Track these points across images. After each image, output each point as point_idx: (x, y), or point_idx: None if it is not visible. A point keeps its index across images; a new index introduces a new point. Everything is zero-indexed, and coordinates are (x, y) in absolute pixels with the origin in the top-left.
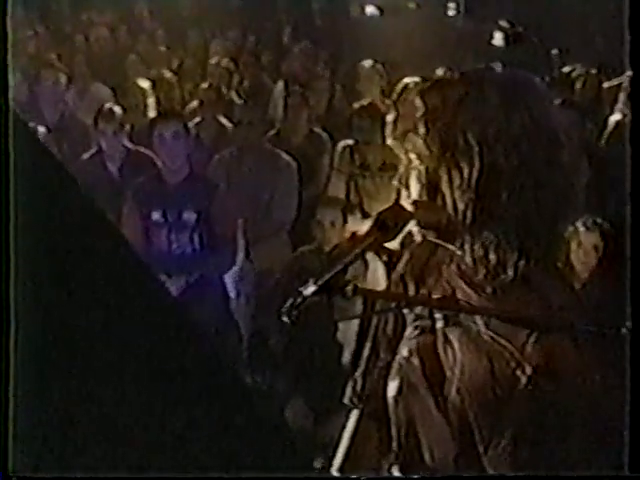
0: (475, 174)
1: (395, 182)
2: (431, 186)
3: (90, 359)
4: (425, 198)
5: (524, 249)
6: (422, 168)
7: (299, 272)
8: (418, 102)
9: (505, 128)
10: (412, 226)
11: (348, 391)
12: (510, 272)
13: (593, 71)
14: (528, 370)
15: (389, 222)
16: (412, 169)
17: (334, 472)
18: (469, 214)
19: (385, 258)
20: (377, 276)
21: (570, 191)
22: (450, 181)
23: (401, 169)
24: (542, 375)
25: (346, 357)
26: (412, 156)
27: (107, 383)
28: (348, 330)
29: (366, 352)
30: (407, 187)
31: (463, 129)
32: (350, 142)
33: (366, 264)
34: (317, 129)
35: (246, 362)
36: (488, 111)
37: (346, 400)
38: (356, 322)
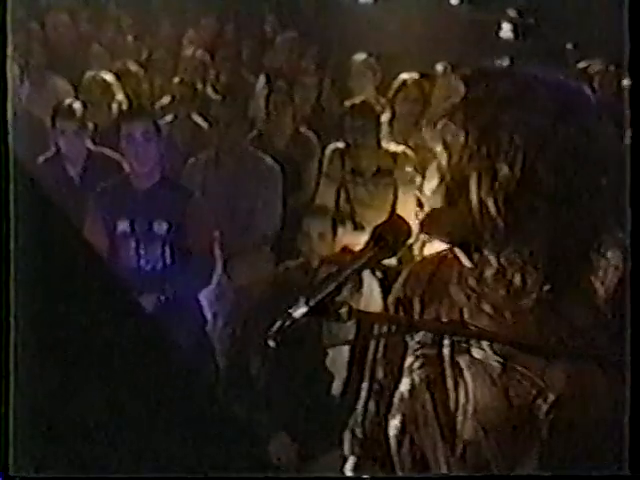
0: (513, 180)
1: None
2: (454, 182)
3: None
4: (442, 194)
5: (551, 272)
6: (445, 161)
7: (283, 290)
8: (460, 86)
9: (551, 138)
10: (415, 238)
11: (347, 440)
12: (533, 296)
13: (612, 67)
14: (550, 398)
15: (388, 237)
16: (433, 159)
17: None
18: (499, 223)
19: (380, 275)
20: (373, 296)
21: (605, 216)
22: (479, 181)
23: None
24: (566, 402)
25: (337, 387)
26: (437, 145)
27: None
28: (339, 357)
29: (364, 390)
30: (424, 177)
31: (508, 128)
32: (341, 145)
33: (360, 282)
34: (304, 130)
35: (224, 392)
36: (537, 115)
37: (346, 451)
38: (347, 348)
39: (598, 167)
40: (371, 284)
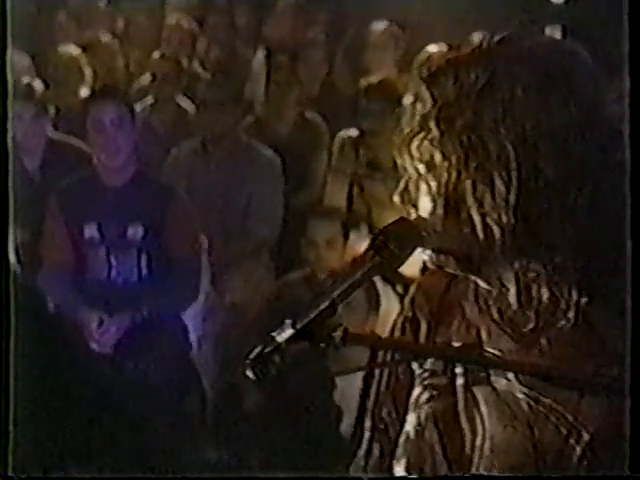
0: (513, 187)
1: (396, 199)
2: (449, 205)
3: None
4: (440, 216)
5: (585, 283)
6: (434, 183)
7: (284, 308)
8: (423, 93)
9: (546, 124)
10: (423, 250)
11: None
12: (571, 315)
13: None
14: (586, 437)
15: (392, 244)
16: (420, 182)
17: None
18: (508, 239)
19: (401, 290)
20: (392, 315)
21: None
22: (477, 198)
23: (401, 184)
24: (603, 443)
25: (346, 425)
26: (419, 166)
27: None
28: (349, 387)
29: (367, 429)
30: (414, 206)
31: (492, 127)
32: (354, 133)
33: (377, 298)
34: (310, 114)
35: (211, 430)
36: (522, 101)
37: None
38: (360, 375)
39: (613, 143)
40: (390, 300)
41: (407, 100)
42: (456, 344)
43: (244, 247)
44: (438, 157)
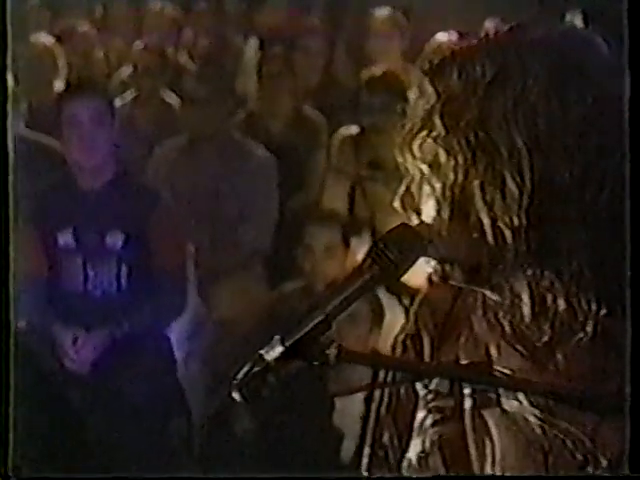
0: (526, 188)
1: (396, 204)
2: (455, 209)
3: None
4: (445, 220)
5: (604, 293)
6: (438, 185)
7: (279, 323)
8: (426, 86)
9: (561, 119)
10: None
11: None
12: (589, 328)
13: None
14: (604, 463)
15: (391, 252)
16: (423, 184)
17: None
18: (520, 245)
19: (407, 302)
20: (396, 329)
21: None
22: (487, 201)
23: (402, 187)
24: (622, 470)
25: (347, 449)
26: (422, 167)
27: None
28: (350, 408)
29: (366, 456)
30: (416, 211)
31: (502, 123)
32: (355, 130)
33: (381, 311)
34: (307, 110)
35: (198, 457)
36: (535, 94)
37: None
38: (362, 397)
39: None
40: (394, 316)
41: (413, 94)
42: (463, 362)
43: (235, 256)
44: (443, 156)
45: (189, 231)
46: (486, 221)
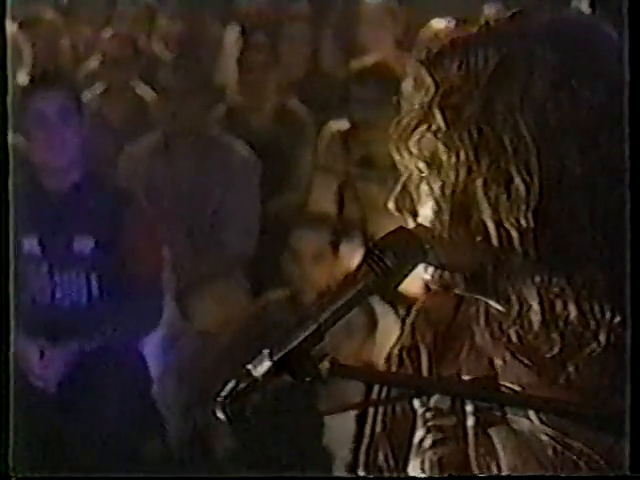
0: (534, 186)
1: (390, 205)
2: (457, 210)
3: None
4: (444, 222)
5: (618, 299)
6: (437, 184)
7: (263, 336)
8: (424, 77)
9: (571, 112)
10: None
11: None
12: (602, 337)
13: None
14: None
15: (389, 257)
16: (421, 183)
17: None
18: (528, 248)
19: (403, 311)
20: (390, 340)
21: None
22: (491, 201)
23: (398, 187)
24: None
25: (339, 472)
26: (420, 164)
27: None
28: (341, 427)
29: (360, 475)
30: (412, 213)
31: (507, 116)
32: (345, 124)
33: (374, 321)
34: (292, 103)
35: None
36: (542, 85)
37: None
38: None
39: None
40: (389, 326)
41: (408, 86)
42: (466, 377)
43: (215, 262)
44: (443, 153)
45: (165, 236)
46: (490, 223)
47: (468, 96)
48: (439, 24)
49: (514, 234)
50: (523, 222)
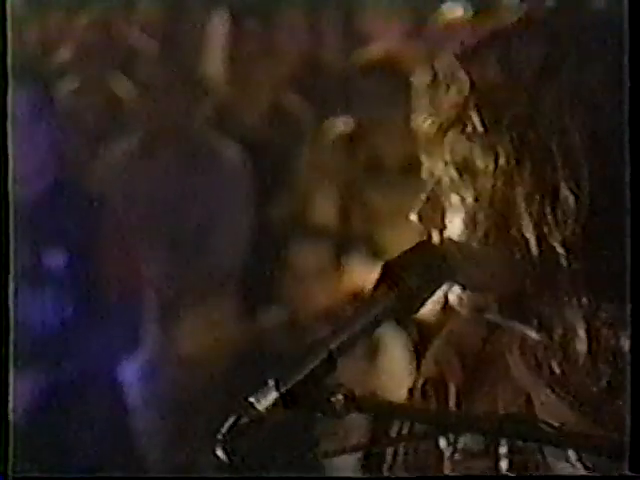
0: (585, 196)
1: (413, 217)
2: (493, 223)
3: None
4: (478, 236)
5: None
6: (471, 192)
7: (257, 362)
8: (459, 74)
9: (628, 113)
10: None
11: None
12: None
13: None
14: None
15: (411, 276)
16: (451, 192)
17: None
18: (577, 269)
19: (416, 336)
20: (399, 367)
21: None
22: (534, 213)
23: (423, 196)
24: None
25: None
26: (452, 171)
27: None
28: (344, 466)
29: None
30: (439, 226)
31: (553, 118)
32: (349, 123)
33: (377, 344)
34: (288, 99)
35: None
36: (595, 83)
37: None
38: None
39: None
40: (397, 353)
41: (421, 80)
42: (499, 414)
43: (201, 279)
44: (479, 158)
45: (145, 249)
46: (532, 238)
47: (509, 95)
48: (452, 9)
49: (560, 250)
50: (571, 237)
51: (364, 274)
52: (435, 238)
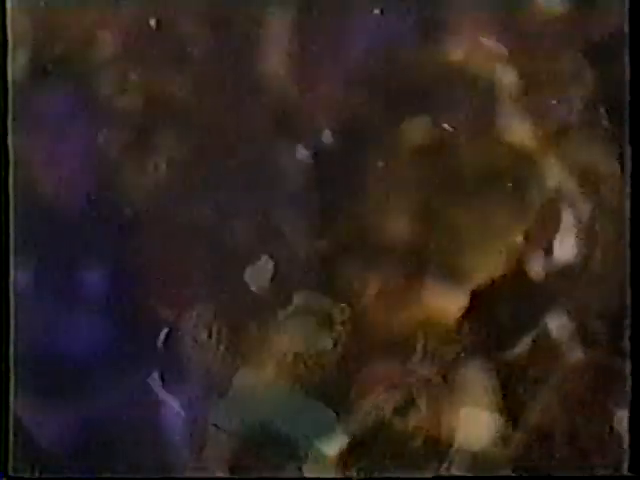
0: None
1: (519, 239)
2: (612, 244)
3: None
4: (595, 259)
5: None
6: (589, 206)
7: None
8: (583, 70)
9: None
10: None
11: None
12: None
13: None
14: None
15: (504, 309)
16: (562, 206)
17: None
18: None
19: (502, 376)
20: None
21: None
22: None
23: (532, 212)
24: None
25: None
26: (569, 181)
27: None
28: None
29: None
30: (545, 247)
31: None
32: (426, 128)
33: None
34: (359, 99)
35: None
36: None
37: None
38: None
39: None
40: (480, 396)
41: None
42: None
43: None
44: (603, 164)
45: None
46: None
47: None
48: (549, 5)
49: None
50: None
51: (438, 298)
52: (537, 262)
